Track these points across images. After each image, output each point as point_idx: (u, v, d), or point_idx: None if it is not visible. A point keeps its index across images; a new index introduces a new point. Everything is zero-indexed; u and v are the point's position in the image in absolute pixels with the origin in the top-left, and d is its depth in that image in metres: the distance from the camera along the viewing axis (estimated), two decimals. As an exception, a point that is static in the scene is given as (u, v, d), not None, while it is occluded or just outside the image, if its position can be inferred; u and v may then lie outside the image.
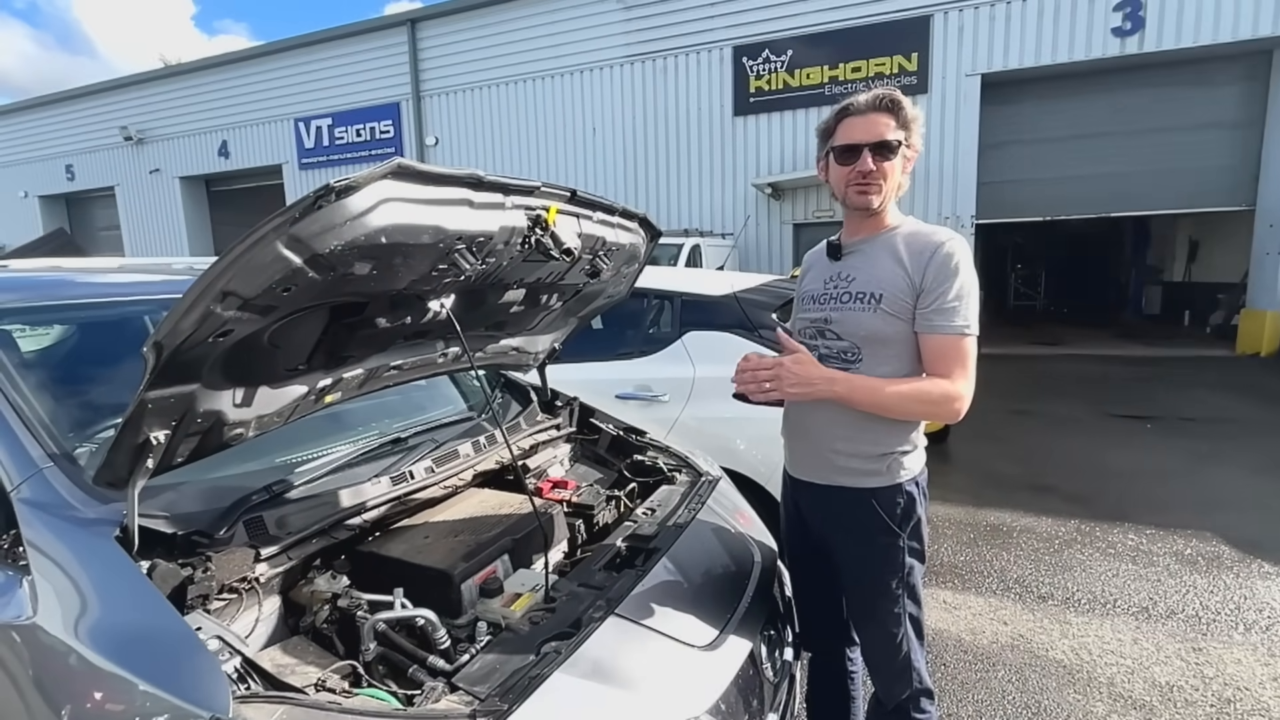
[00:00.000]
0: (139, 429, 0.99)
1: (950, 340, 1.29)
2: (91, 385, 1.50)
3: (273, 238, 0.89)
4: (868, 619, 1.48)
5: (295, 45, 13.75)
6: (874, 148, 1.32)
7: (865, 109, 1.33)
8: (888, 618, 1.42)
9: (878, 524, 1.38)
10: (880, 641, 1.45)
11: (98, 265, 2.22)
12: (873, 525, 1.39)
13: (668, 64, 10.99)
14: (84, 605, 1.02)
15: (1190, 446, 5.01)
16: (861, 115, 1.34)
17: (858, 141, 1.33)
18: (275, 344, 1.11)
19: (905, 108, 1.33)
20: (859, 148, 1.33)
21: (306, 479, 1.39)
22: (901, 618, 1.42)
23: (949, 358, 1.29)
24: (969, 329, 1.29)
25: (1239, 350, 9.31)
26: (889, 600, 1.41)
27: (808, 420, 1.47)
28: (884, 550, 1.39)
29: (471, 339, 1.68)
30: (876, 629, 1.45)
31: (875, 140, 1.32)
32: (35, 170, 17.77)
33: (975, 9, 9.26)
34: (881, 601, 1.42)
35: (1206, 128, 9.21)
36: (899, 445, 1.38)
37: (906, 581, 1.41)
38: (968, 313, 1.29)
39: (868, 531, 1.39)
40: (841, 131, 1.36)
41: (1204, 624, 2.63)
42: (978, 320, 1.31)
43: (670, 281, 3.18)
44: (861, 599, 1.48)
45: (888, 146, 1.32)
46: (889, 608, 1.41)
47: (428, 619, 1.15)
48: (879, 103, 1.33)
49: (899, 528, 1.38)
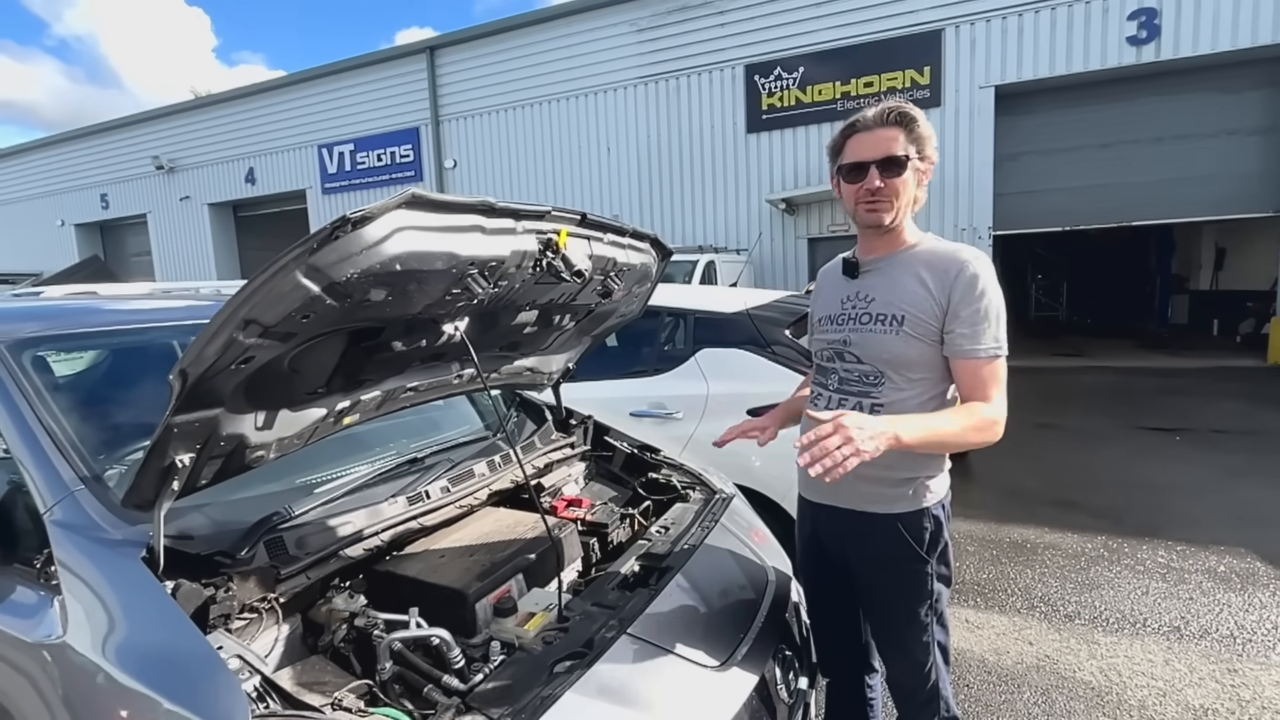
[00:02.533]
0: (165, 453, 1.03)
1: (985, 364, 1.26)
2: (120, 408, 1.55)
3: (292, 267, 0.92)
4: (894, 647, 1.44)
5: (318, 75, 14.18)
6: (881, 164, 1.28)
7: (872, 124, 1.30)
8: (915, 646, 1.38)
9: (904, 550, 1.34)
10: (908, 669, 1.42)
11: (129, 291, 2.30)
12: (899, 552, 1.34)
13: (680, 84, 11.13)
14: (111, 625, 1.05)
15: (1222, 460, 4.87)
16: (869, 131, 1.30)
17: (864, 159, 1.30)
18: (295, 369, 1.14)
19: (916, 120, 1.29)
20: (866, 165, 1.29)
21: (325, 500, 1.42)
22: (930, 646, 1.38)
23: (986, 381, 1.26)
24: (1001, 350, 1.27)
25: (1271, 360, 9.05)
26: (917, 628, 1.37)
27: None
28: (911, 577, 1.36)
29: (485, 360, 1.71)
30: (904, 657, 1.42)
31: (882, 157, 1.28)
32: (72, 199, 18.45)
33: (987, 21, 9.27)
34: (909, 630, 1.38)
35: (1228, 134, 9.07)
36: (925, 468, 1.34)
37: (934, 608, 1.37)
38: (999, 333, 1.26)
39: (894, 558, 1.35)
40: (849, 149, 1.33)
41: (1239, 644, 2.55)
42: (1006, 338, 1.29)
43: (683, 299, 3.20)
44: (888, 627, 1.44)
45: (895, 162, 1.28)
46: (917, 636, 1.38)
47: (443, 638, 1.16)
48: (886, 117, 1.29)
49: (926, 554, 1.34)
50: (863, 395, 1.37)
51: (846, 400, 1.39)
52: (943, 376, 1.33)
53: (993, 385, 1.26)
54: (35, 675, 1.08)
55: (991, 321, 1.26)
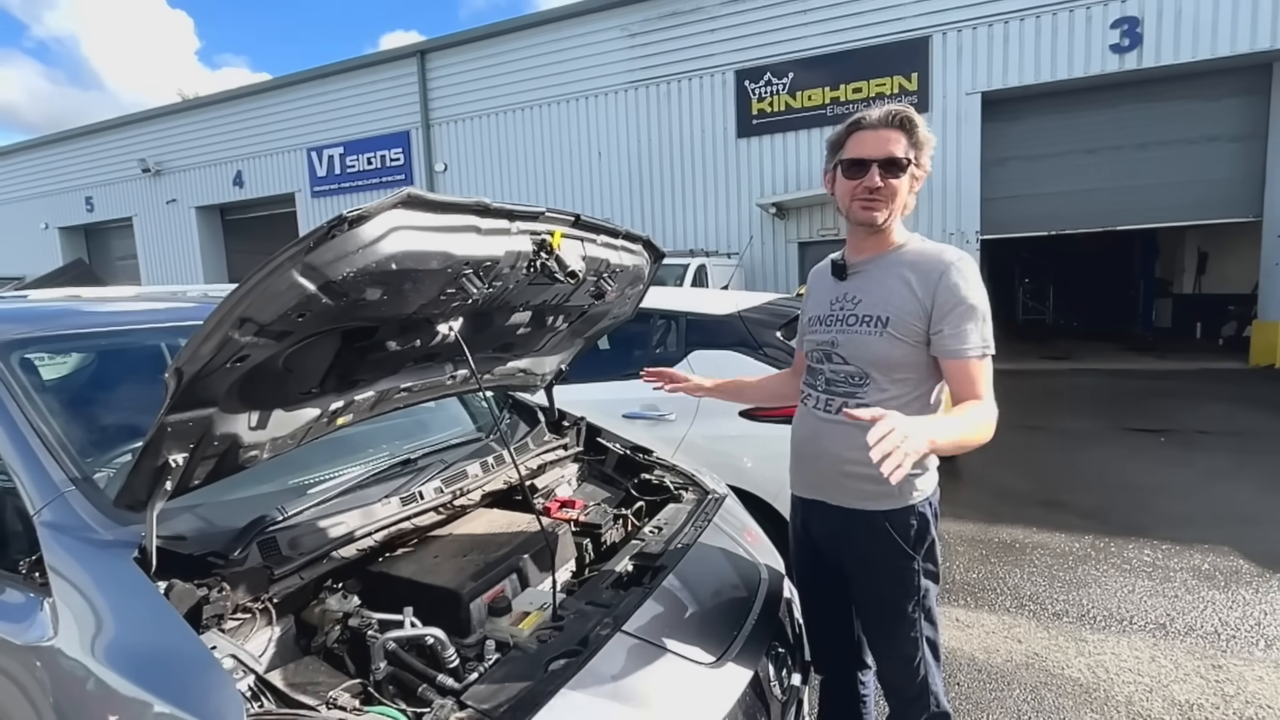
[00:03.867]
0: (158, 452, 1.02)
1: (975, 363, 1.27)
2: (109, 410, 1.54)
3: (288, 266, 0.92)
4: (883, 643, 1.46)
5: (308, 77, 14.11)
6: (883, 164, 1.29)
7: (877, 124, 1.30)
8: (904, 641, 1.40)
9: (891, 547, 1.36)
10: (897, 665, 1.44)
11: (115, 294, 2.28)
12: (886, 548, 1.36)
13: (671, 88, 11.18)
14: (102, 626, 1.04)
15: (1205, 460, 4.94)
16: (872, 130, 1.31)
17: (866, 156, 1.30)
18: (289, 368, 1.14)
19: (918, 126, 1.30)
20: (867, 163, 1.30)
21: (319, 500, 1.41)
22: (919, 641, 1.40)
23: (977, 380, 1.27)
24: (989, 349, 1.29)
25: (1252, 362, 9.21)
26: (905, 624, 1.39)
27: (818, 440, 1.44)
28: (898, 573, 1.37)
29: (479, 361, 1.71)
30: (893, 652, 1.44)
31: (884, 156, 1.29)
32: (56, 202, 18.21)
33: (974, 29, 9.38)
34: (897, 625, 1.40)
35: (1210, 140, 9.23)
36: (912, 466, 1.36)
37: (922, 604, 1.39)
38: (985, 332, 1.28)
39: (881, 555, 1.37)
40: (851, 145, 1.33)
41: (1223, 640, 2.59)
42: (993, 337, 1.30)
43: (675, 301, 3.21)
44: (877, 623, 1.46)
45: (896, 163, 1.29)
46: (905, 631, 1.39)
47: (437, 638, 1.17)
48: (891, 119, 1.29)
49: (913, 550, 1.36)
50: (848, 395, 1.39)
51: (833, 401, 1.41)
52: (926, 377, 1.35)
53: (982, 384, 1.28)
54: (25, 679, 1.07)
55: (978, 321, 1.28)
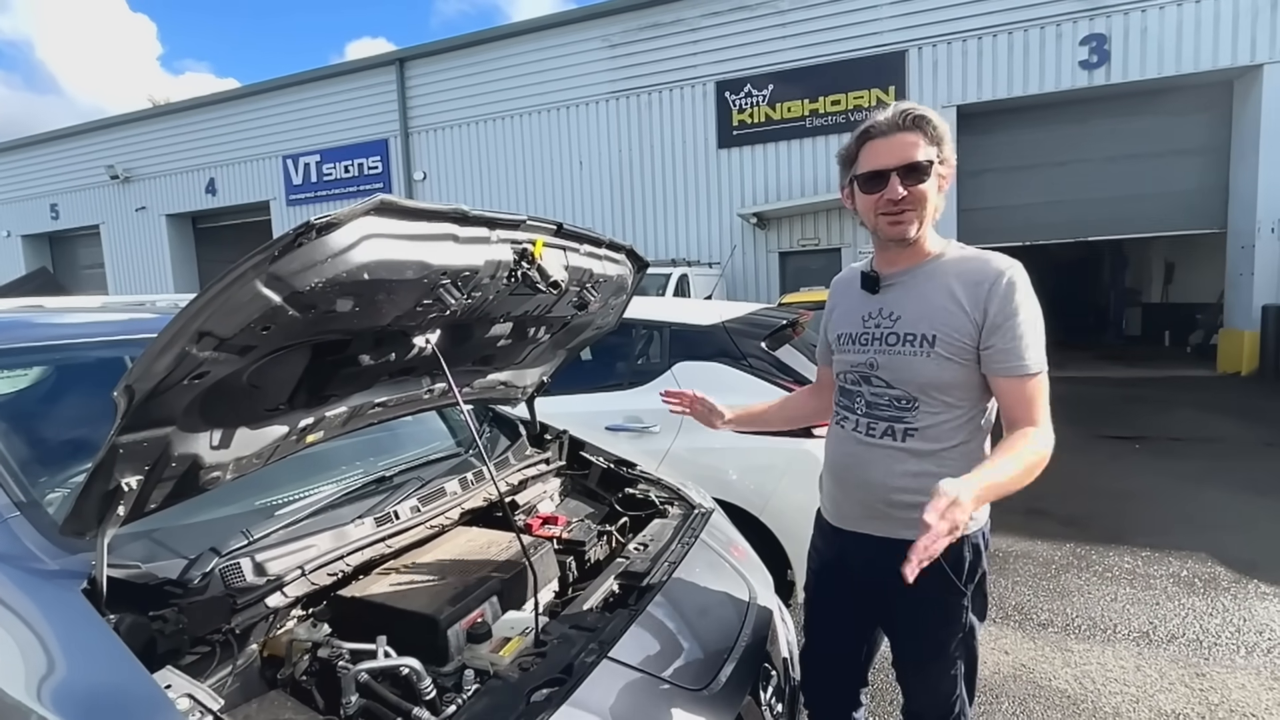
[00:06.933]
0: (110, 475, 0.95)
1: (1031, 382, 1.16)
2: (63, 428, 1.45)
3: (251, 276, 0.87)
4: (919, 679, 1.39)
5: (284, 85, 13.94)
6: (903, 172, 1.17)
7: (888, 129, 1.19)
8: (942, 679, 1.32)
9: (943, 581, 1.24)
10: (930, 703, 1.37)
11: (78, 304, 2.18)
12: (936, 583, 1.22)
13: (652, 99, 11.23)
14: (48, 664, 0.96)
15: (1179, 467, 5.03)
16: (885, 137, 1.19)
17: (884, 167, 1.18)
18: (255, 384, 1.08)
19: (932, 120, 1.18)
20: (886, 173, 1.18)
21: (286, 522, 1.34)
22: (957, 680, 1.32)
23: (1033, 401, 1.16)
24: (1044, 365, 1.18)
25: (1220, 369, 9.46)
26: (945, 661, 1.31)
27: (863, 469, 1.31)
28: (946, 609, 1.27)
29: (458, 374, 1.65)
30: (927, 690, 1.36)
31: (903, 163, 1.17)
32: (19, 210, 17.71)
33: (949, 44, 9.59)
34: (936, 664, 1.32)
35: (1175, 154, 9.54)
36: None
37: (966, 641, 1.30)
38: (1040, 346, 1.18)
39: (929, 589, 1.20)
40: (865, 156, 1.22)
41: (1205, 648, 2.60)
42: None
43: (659, 312, 3.18)
44: (915, 659, 1.37)
45: (918, 168, 1.17)
46: (944, 669, 1.31)
47: (412, 668, 1.10)
48: (903, 120, 1.18)
49: (965, 585, 1.25)
50: (894, 420, 1.26)
51: (876, 425, 1.29)
52: (980, 397, 1.24)
53: (1038, 405, 1.17)
54: (-41, 722, 0.98)
55: (1034, 336, 1.17)
